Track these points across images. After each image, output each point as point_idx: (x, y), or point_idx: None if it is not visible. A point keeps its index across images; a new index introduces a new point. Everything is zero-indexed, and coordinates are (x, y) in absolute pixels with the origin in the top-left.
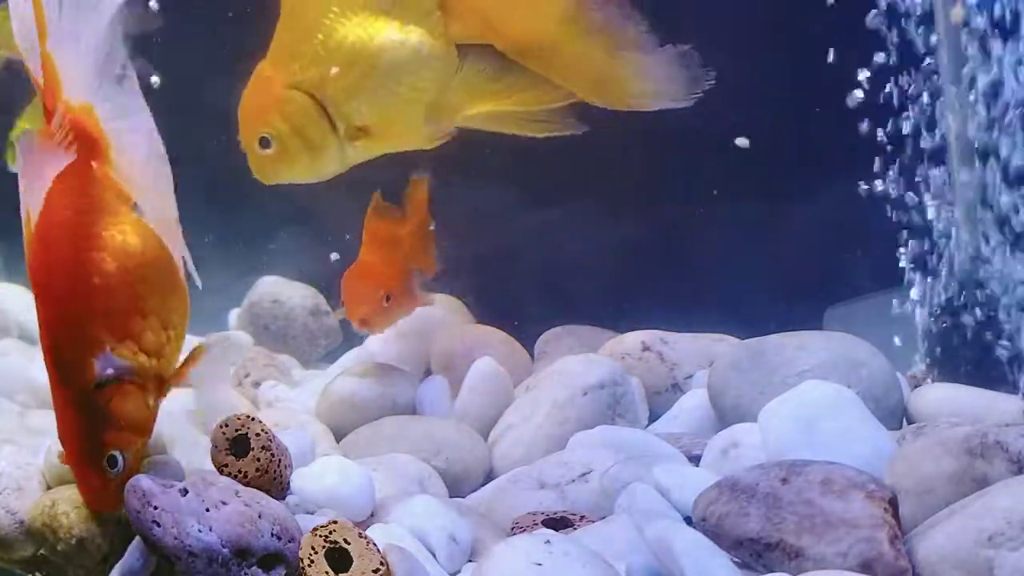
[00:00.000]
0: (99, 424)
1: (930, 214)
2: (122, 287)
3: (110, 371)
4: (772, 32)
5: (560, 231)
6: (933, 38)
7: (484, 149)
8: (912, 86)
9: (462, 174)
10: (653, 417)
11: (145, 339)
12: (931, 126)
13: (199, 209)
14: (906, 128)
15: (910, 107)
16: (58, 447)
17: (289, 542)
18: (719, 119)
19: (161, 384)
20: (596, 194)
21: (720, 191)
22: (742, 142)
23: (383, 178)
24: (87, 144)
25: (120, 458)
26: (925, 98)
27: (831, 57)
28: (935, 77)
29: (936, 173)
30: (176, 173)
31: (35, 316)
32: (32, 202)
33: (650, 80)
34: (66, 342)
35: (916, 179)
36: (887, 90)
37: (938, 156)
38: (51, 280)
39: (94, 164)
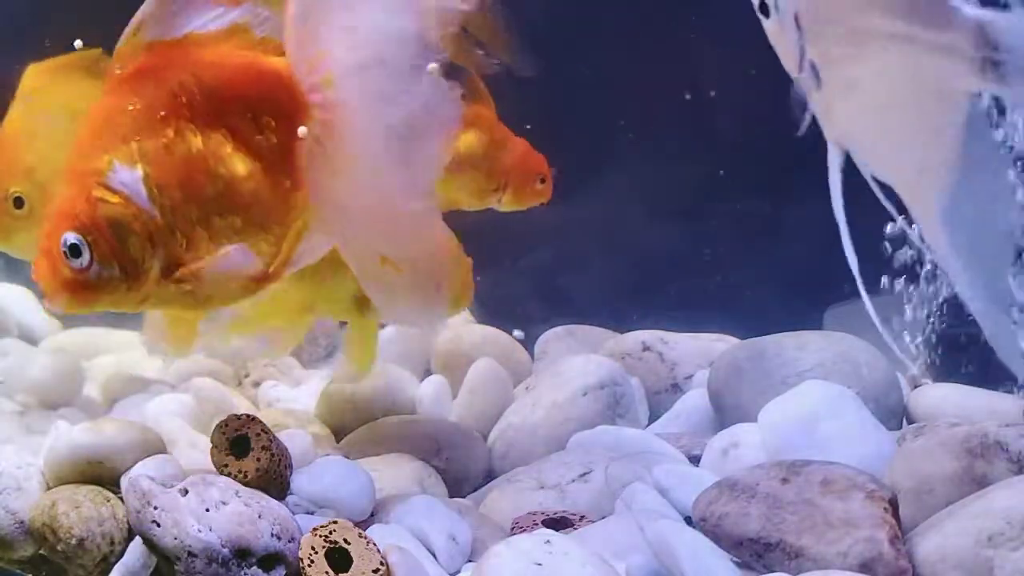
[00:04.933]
0: (79, 202)
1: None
2: (187, 165)
3: (124, 187)
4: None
5: (560, 231)
6: None
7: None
8: None
9: None
10: (653, 417)
11: (181, 220)
12: None
13: None
14: None
15: None
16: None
17: (289, 542)
18: (720, 119)
19: (173, 262)
20: (596, 194)
21: (720, 191)
22: None
23: None
24: (279, 91)
25: (84, 248)
26: None
27: None
28: None
29: None
30: None
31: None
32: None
33: None
34: (102, 127)
35: None
36: None
37: None
38: (135, 85)
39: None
